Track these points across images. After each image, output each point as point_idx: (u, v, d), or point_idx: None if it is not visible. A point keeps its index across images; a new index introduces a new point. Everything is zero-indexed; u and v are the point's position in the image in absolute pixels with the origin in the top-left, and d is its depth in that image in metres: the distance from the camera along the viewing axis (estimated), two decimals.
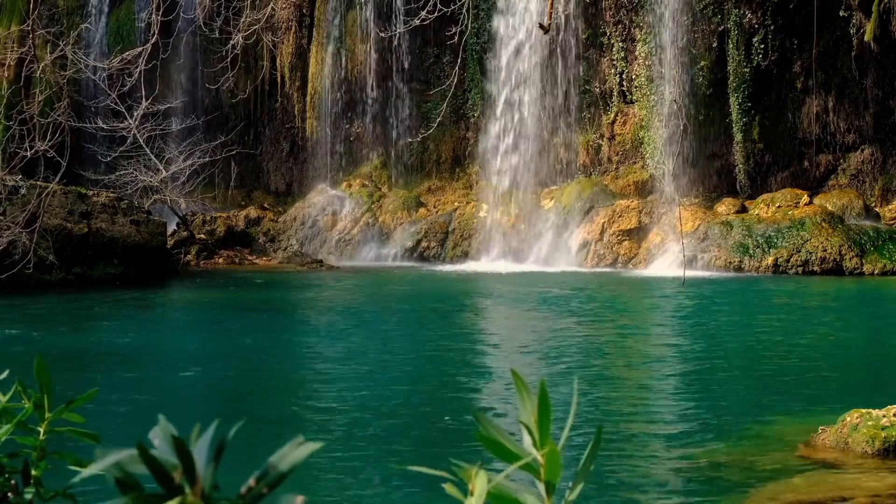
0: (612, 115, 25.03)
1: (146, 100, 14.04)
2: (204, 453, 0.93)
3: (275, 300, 18.85)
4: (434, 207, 26.22)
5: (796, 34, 23.55)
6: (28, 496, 1.66)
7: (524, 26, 24.86)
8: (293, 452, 0.97)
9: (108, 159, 25.33)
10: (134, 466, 0.94)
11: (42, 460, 1.71)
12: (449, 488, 1.22)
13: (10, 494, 1.67)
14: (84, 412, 1.79)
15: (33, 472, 1.69)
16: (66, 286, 18.98)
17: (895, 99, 23.64)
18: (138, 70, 13.04)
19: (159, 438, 0.98)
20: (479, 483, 1.17)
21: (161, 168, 25.22)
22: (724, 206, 23.36)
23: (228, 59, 25.62)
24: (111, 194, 21.81)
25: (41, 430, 1.74)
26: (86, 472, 1.00)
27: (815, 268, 21.33)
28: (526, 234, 24.39)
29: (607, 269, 22.76)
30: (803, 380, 10.81)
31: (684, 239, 21.22)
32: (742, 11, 23.58)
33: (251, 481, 0.96)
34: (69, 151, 15.04)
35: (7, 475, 1.68)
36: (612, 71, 24.89)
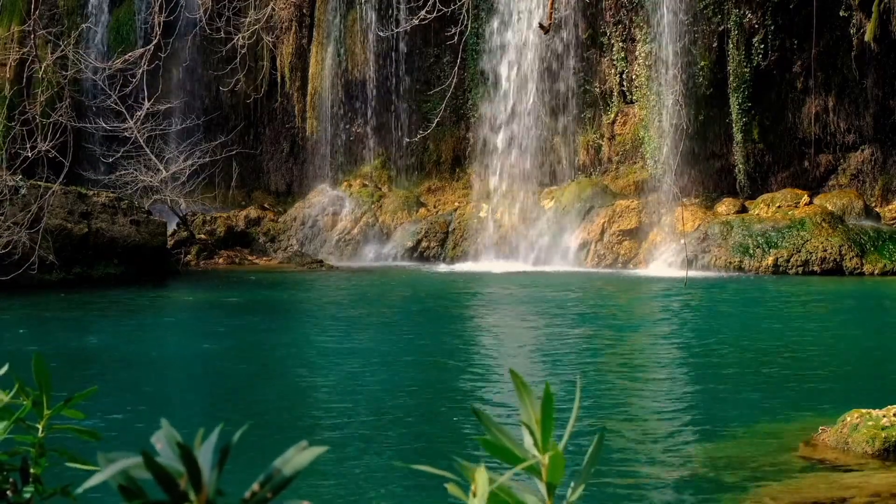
0: (612, 115, 25.02)
1: (149, 100, 14.06)
2: (208, 459, 0.93)
3: (275, 300, 18.85)
4: (434, 207, 26.22)
5: (796, 34, 23.54)
6: (27, 494, 1.66)
7: (524, 26, 24.86)
8: (297, 457, 0.97)
9: (111, 160, 25.32)
10: (138, 472, 0.94)
11: (41, 457, 1.72)
12: (451, 488, 1.22)
13: (9, 493, 1.67)
14: (85, 414, 1.80)
15: (32, 470, 1.69)
16: (66, 286, 18.98)
17: (895, 99, 23.64)
18: (141, 71, 13.05)
19: (162, 443, 0.98)
20: (481, 484, 1.17)
21: (161, 168, 25.21)
22: (724, 206, 23.35)
23: (238, 61, 25.62)
24: (111, 194, 21.81)
25: (40, 427, 1.74)
26: (91, 481, 1.00)
27: (815, 268, 21.32)
28: (526, 234, 24.39)
29: (607, 270, 22.76)
30: (803, 380, 10.82)
31: (684, 239, 21.21)
32: (742, 11, 23.57)
33: (255, 486, 0.96)
34: (71, 152, 15.02)
35: (6, 472, 1.69)
36: (612, 71, 24.89)
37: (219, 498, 0.94)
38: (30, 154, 13.55)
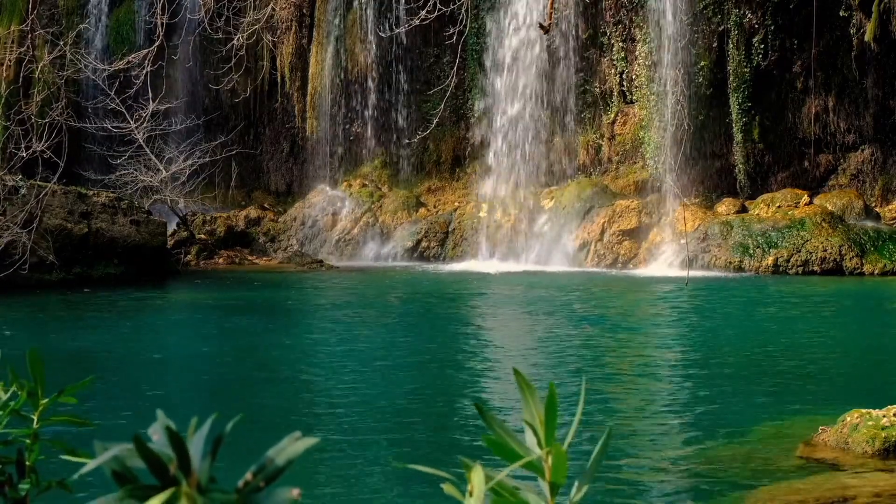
0: (612, 115, 25.02)
1: (153, 101, 14.11)
2: (200, 446, 0.93)
3: (275, 300, 18.85)
4: (434, 207, 26.22)
5: (796, 34, 23.54)
6: (24, 490, 1.66)
7: (524, 26, 24.86)
8: (290, 447, 0.97)
9: (111, 160, 25.32)
10: (132, 460, 0.94)
11: (35, 444, 1.72)
12: (447, 488, 1.21)
13: (5, 487, 1.66)
14: (82, 412, 1.80)
15: (28, 462, 1.69)
16: (66, 286, 18.98)
17: (895, 99, 23.64)
18: (145, 72, 13.10)
19: (159, 434, 0.98)
20: (477, 483, 1.16)
21: (161, 168, 25.21)
22: (724, 206, 23.36)
23: (234, 61, 25.64)
24: (111, 194, 21.80)
25: (35, 417, 1.74)
26: (86, 467, 1.00)
27: (815, 268, 21.33)
28: (526, 234, 24.39)
29: (607, 270, 22.76)
30: (803, 380, 10.81)
31: (684, 239, 21.22)
32: (742, 11, 23.57)
33: (248, 475, 0.96)
34: (67, 151, 15.05)
35: (2, 465, 1.68)
36: (612, 71, 24.89)
37: (211, 485, 0.94)
38: (24, 154, 13.58)
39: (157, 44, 14.05)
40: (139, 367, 11.86)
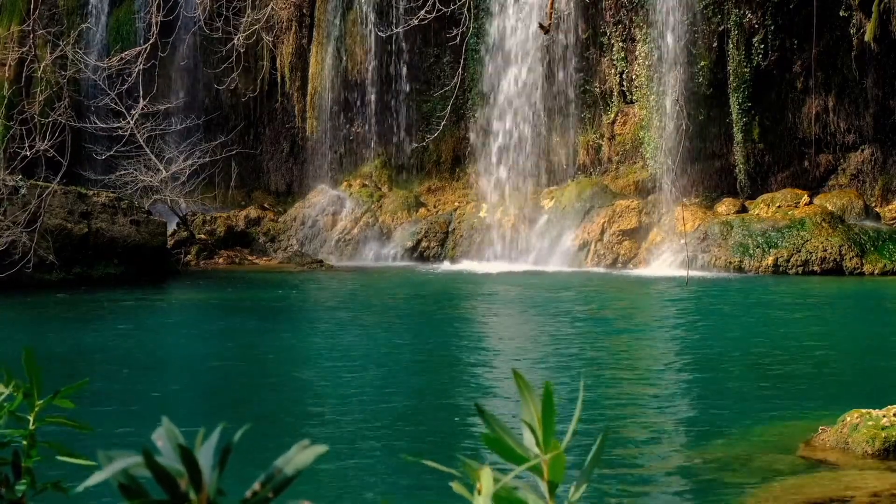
0: (612, 115, 25.01)
1: (144, 99, 14.10)
2: (209, 459, 0.92)
3: (275, 300, 18.84)
4: (434, 207, 26.21)
5: (796, 34, 23.53)
6: (20, 491, 1.66)
7: (524, 26, 24.86)
8: (299, 456, 0.96)
9: (103, 155, 25.29)
10: (138, 471, 0.94)
11: (32, 448, 1.71)
12: (456, 487, 1.22)
13: (2, 488, 1.66)
14: (82, 413, 1.79)
15: (24, 464, 1.69)
16: (66, 286, 18.97)
17: (895, 99, 23.63)
18: (137, 69, 13.09)
19: (163, 440, 0.98)
20: (486, 482, 1.16)
21: (161, 168, 25.20)
22: (724, 206, 23.35)
23: (233, 60, 25.63)
24: (111, 194, 21.80)
25: (31, 418, 1.74)
26: (91, 480, 1.00)
27: (815, 268, 21.32)
28: (526, 234, 24.38)
29: (607, 270, 22.75)
30: (803, 380, 10.82)
31: (684, 239, 21.22)
32: (742, 11, 23.57)
33: (256, 485, 0.95)
34: (69, 151, 15.04)
35: None
36: (612, 71, 24.88)
37: (220, 497, 0.93)
38: (28, 154, 13.58)
39: (150, 42, 14.04)
40: (139, 368, 11.85)
